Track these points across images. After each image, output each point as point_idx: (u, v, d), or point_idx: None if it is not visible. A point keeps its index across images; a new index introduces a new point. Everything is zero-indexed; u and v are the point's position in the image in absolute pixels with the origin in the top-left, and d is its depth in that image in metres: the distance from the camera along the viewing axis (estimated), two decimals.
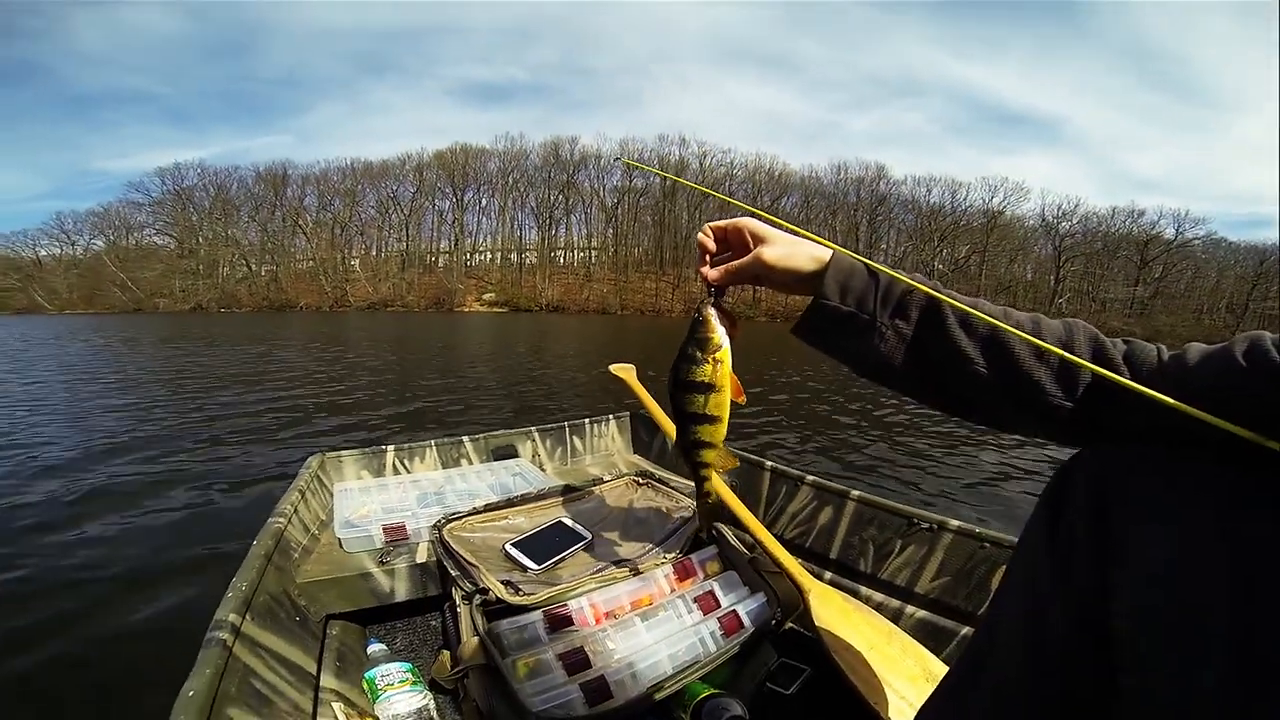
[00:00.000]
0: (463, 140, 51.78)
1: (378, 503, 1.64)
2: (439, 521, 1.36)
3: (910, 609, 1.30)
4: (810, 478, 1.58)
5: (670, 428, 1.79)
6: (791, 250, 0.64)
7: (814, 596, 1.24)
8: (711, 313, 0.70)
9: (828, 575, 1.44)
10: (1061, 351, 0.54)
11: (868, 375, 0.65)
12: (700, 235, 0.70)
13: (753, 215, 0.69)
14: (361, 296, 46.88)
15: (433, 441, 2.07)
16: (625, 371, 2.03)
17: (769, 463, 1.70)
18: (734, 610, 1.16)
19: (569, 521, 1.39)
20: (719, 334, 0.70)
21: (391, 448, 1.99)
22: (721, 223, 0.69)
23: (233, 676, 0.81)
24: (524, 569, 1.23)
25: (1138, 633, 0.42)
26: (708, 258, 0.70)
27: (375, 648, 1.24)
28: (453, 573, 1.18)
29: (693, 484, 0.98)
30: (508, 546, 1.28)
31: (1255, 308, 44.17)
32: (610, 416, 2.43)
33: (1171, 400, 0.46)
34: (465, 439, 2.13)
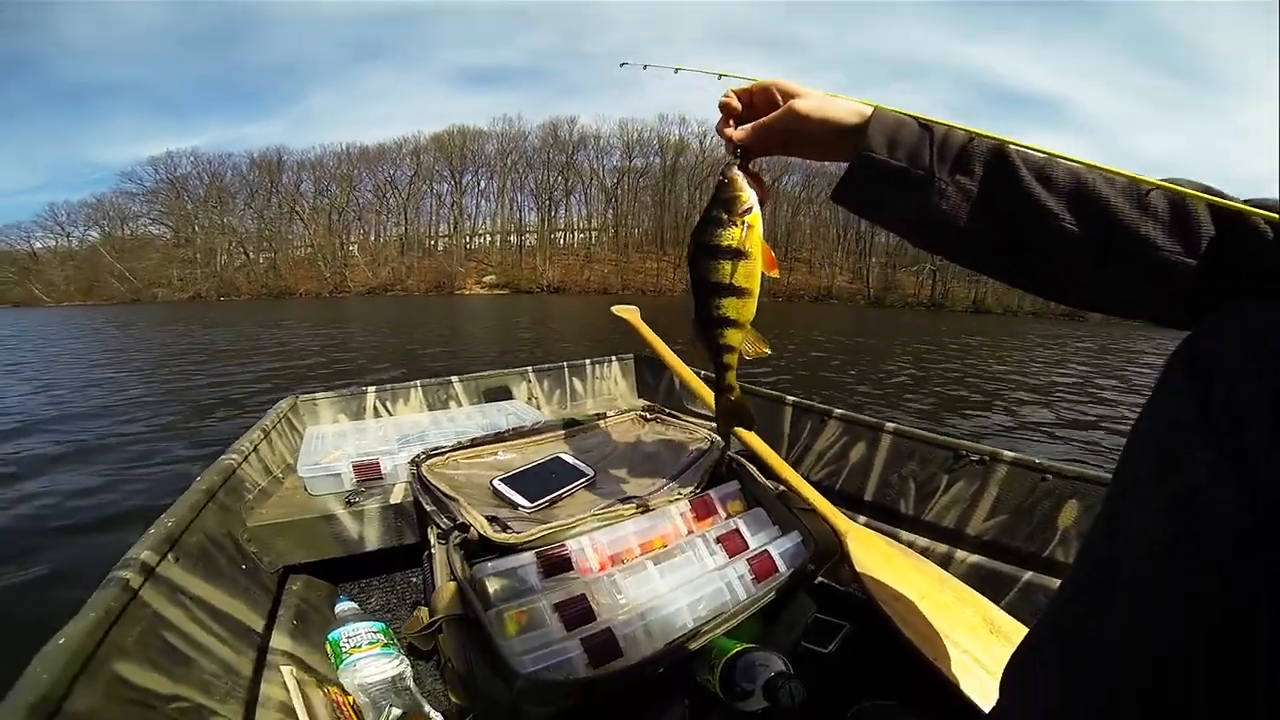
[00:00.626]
0: (460, 123, 50.93)
1: (353, 446, 1.47)
2: (417, 457, 1.18)
3: (961, 553, 1.15)
4: (838, 411, 1.42)
5: (679, 367, 1.63)
6: (827, 101, 0.56)
7: (852, 540, 1.08)
8: (738, 174, 0.61)
9: (863, 519, 1.28)
10: (1174, 187, 0.44)
11: (925, 240, 0.56)
12: (723, 97, 0.61)
13: None
14: (361, 281, 46.64)
15: (418, 382, 1.91)
16: (628, 312, 1.88)
17: (790, 398, 1.54)
18: (765, 551, 0.97)
19: (568, 458, 1.21)
20: (748, 194, 0.61)
21: (373, 389, 1.83)
22: (746, 84, 0.61)
23: (132, 625, 0.63)
24: (514, 506, 1.05)
25: None
26: (732, 121, 0.62)
27: (344, 606, 1.07)
28: (428, 508, 1.01)
29: (711, 401, 0.85)
30: (496, 482, 1.11)
31: None
32: (613, 357, 2.27)
33: None
34: (454, 379, 1.96)
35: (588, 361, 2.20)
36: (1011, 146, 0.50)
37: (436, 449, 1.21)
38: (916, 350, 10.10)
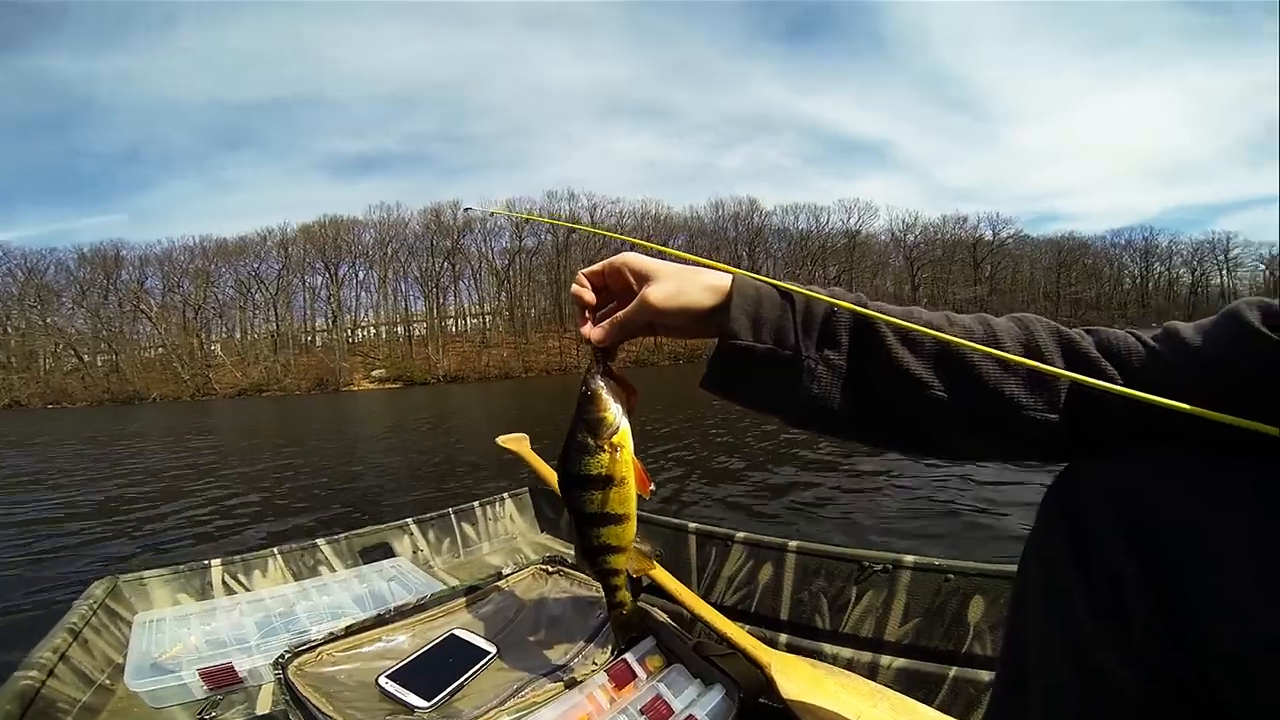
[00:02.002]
0: (332, 213, 49.19)
1: (200, 634, 1.23)
2: (281, 656, 1.00)
3: (886, 659, 1.15)
4: (740, 534, 1.42)
5: None
6: (681, 285, 0.53)
7: (776, 670, 1.05)
8: (600, 385, 0.57)
9: (783, 639, 1.26)
10: (1032, 363, 0.45)
11: (803, 425, 0.54)
12: (575, 286, 0.58)
13: (633, 248, 0.59)
14: (229, 383, 42.04)
15: (276, 550, 1.64)
16: (516, 442, 1.77)
17: (692, 524, 1.52)
18: (690, 715, 0.91)
19: (465, 634, 1.09)
20: (613, 412, 0.57)
21: (217, 561, 1.55)
22: (597, 266, 0.58)
23: None
24: (409, 709, 0.91)
25: (1234, 677, 0.35)
26: (587, 314, 0.58)
27: None
28: None
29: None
30: (383, 680, 0.97)
31: (1065, 293, 53.37)
32: (505, 495, 2.12)
33: (1212, 412, 0.38)
34: (320, 542, 1.71)
35: (475, 504, 2.03)
36: (871, 315, 0.49)
37: (304, 644, 1.03)
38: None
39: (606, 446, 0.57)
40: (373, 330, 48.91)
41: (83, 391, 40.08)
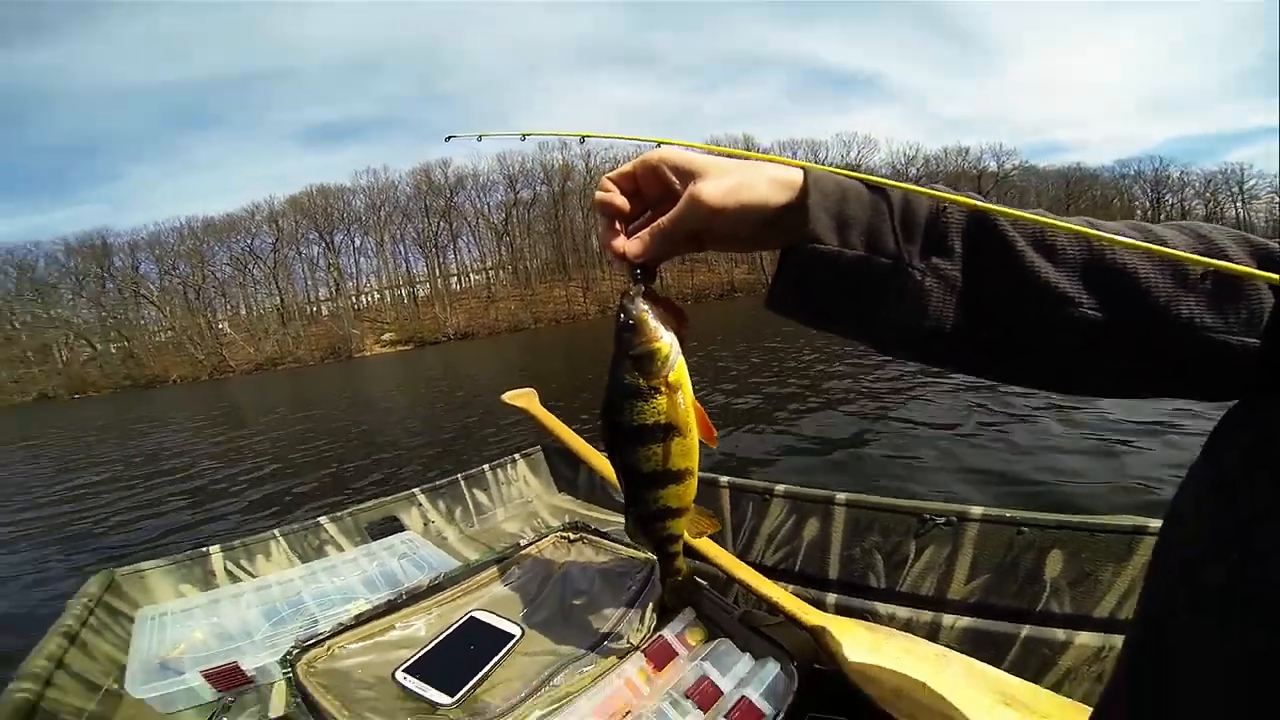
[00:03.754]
0: (318, 182, 48.23)
1: (206, 629, 1.16)
2: (289, 653, 0.91)
3: (949, 619, 1.06)
4: (780, 487, 1.30)
5: (594, 457, 1.44)
6: (742, 178, 0.40)
7: (831, 636, 0.95)
8: (646, 309, 0.46)
9: (831, 599, 1.17)
10: (1213, 262, 0.34)
11: (899, 350, 0.43)
12: (600, 194, 0.46)
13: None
14: (243, 359, 42.55)
15: (277, 532, 1.55)
16: (523, 398, 1.63)
17: (724, 478, 1.40)
18: (743, 697, 0.80)
19: (486, 616, 0.98)
20: (665, 341, 0.46)
21: (216, 548, 1.47)
22: (627, 166, 0.45)
23: None
24: (431, 706, 0.82)
25: None
26: (618, 224, 0.46)
27: None
28: None
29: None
30: (399, 674, 0.87)
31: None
32: (517, 456, 1.99)
33: None
34: (324, 520, 1.61)
35: (485, 468, 1.91)
36: (996, 211, 0.37)
37: (312, 638, 0.93)
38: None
39: (663, 387, 0.46)
40: (377, 295, 48.80)
41: (103, 380, 40.90)
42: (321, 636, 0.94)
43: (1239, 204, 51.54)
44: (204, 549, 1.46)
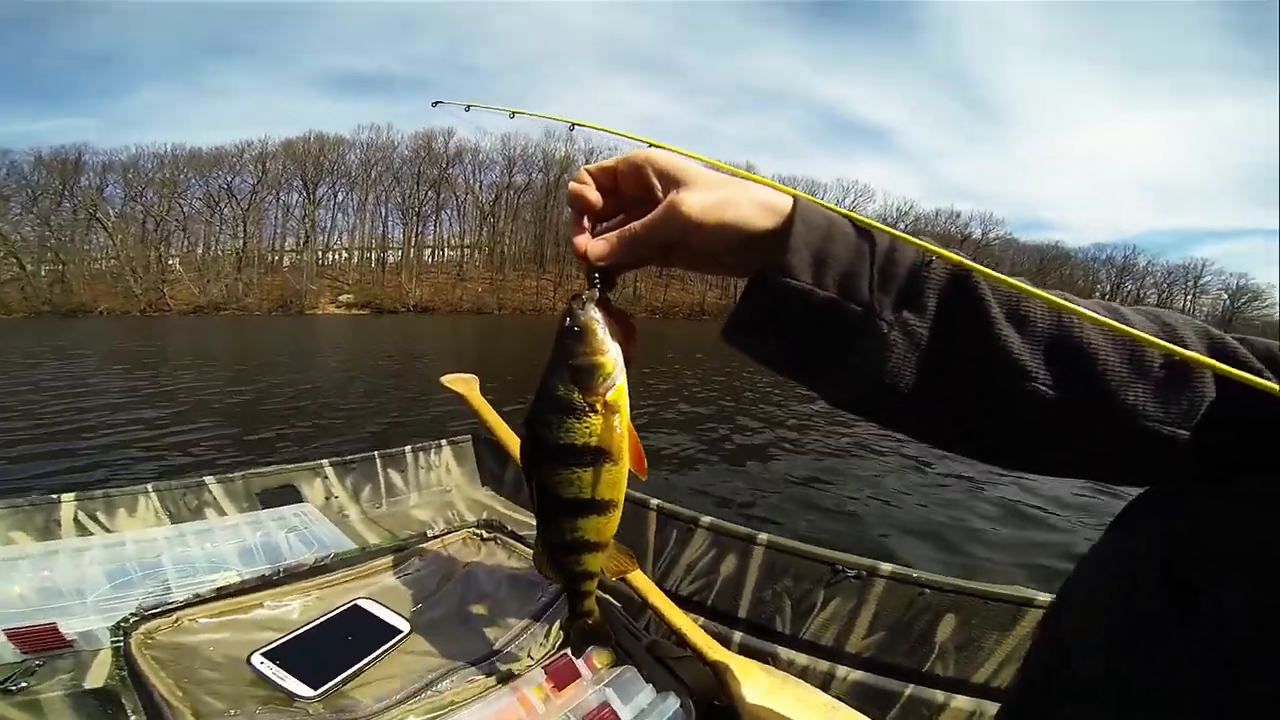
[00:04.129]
0: (317, 129, 46.32)
1: (28, 583, 1.05)
2: (126, 619, 0.82)
3: (843, 670, 1.10)
4: (706, 519, 1.32)
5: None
6: (729, 195, 0.39)
7: (732, 674, 0.99)
8: (596, 318, 0.42)
9: (737, 637, 1.20)
10: (1185, 351, 0.35)
11: (849, 403, 0.42)
12: (573, 184, 0.43)
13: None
14: (184, 299, 40.18)
15: (150, 486, 1.41)
16: (463, 383, 1.55)
17: (654, 501, 1.41)
18: None
19: (372, 606, 0.94)
20: (610, 357, 0.42)
21: (70, 496, 1.32)
22: (609, 161, 0.43)
23: None
24: (288, 696, 0.77)
25: None
26: (586, 221, 0.43)
27: None
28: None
29: None
30: (256, 658, 0.81)
31: None
32: (443, 442, 1.91)
33: None
34: (209, 479, 1.48)
35: (407, 449, 1.82)
36: (979, 270, 0.38)
37: (159, 606, 0.84)
38: None
39: (600, 405, 0.42)
40: (345, 254, 47.07)
41: (21, 302, 37.58)
42: (170, 606, 0.87)
43: (1189, 297, 55.38)
44: (54, 496, 1.32)
